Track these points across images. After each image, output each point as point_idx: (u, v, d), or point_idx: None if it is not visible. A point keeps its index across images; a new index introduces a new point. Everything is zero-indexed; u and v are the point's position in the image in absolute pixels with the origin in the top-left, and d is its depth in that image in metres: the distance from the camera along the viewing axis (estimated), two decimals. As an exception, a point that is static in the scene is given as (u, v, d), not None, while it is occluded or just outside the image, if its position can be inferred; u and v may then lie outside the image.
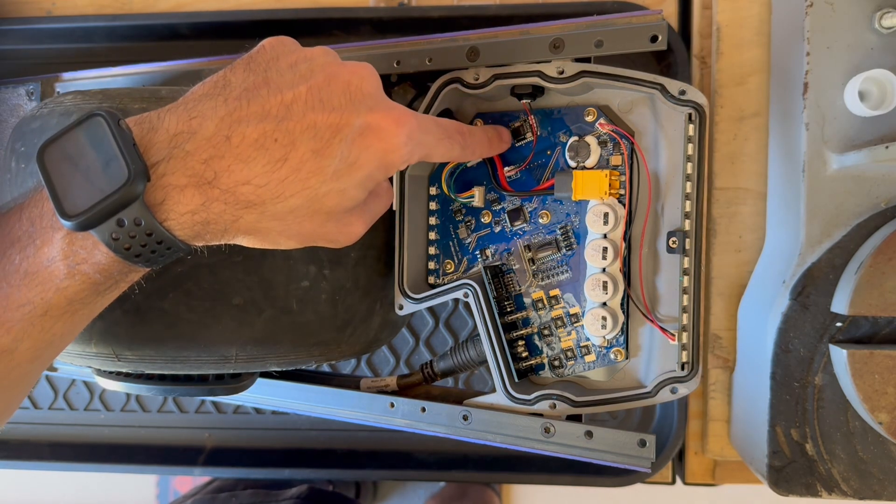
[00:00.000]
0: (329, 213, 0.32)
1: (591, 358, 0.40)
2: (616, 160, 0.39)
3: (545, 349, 0.41)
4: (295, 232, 0.31)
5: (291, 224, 0.31)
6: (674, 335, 0.37)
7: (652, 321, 0.38)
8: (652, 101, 0.38)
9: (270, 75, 0.31)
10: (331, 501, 0.73)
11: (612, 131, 0.38)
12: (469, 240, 0.42)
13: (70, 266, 0.29)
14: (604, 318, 0.38)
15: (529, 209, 0.41)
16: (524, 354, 0.41)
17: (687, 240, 0.36)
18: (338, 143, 0.30)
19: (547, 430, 0.39)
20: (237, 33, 0.54)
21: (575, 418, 0.39)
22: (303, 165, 0.30)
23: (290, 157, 0.29)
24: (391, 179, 0.39)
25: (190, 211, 0.28)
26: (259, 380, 0.45)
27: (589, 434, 0.38)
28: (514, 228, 0.41)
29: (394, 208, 0.41)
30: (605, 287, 0.38)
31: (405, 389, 0.43)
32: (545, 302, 0.40)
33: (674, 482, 0.56)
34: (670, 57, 0.51)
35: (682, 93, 0.36)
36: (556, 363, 0.41)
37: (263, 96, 0.30)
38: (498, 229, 0.41)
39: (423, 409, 0.41)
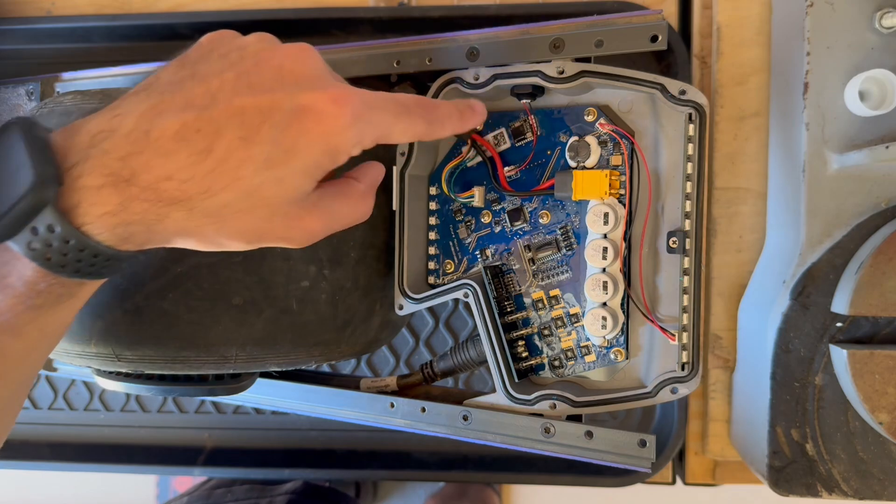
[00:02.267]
0: (271, 206, 0.29)
1: (591, 358, 0.40)
2: (616, 160, 0.38)
3: (545, 349, 0.41)
4: (235, 230, 0.29)
5: (228, 221, 0.29)
6: (674, 335, 0.37)
7: (652, 321, 0.38)
8: (652, 101, 0.38)
9: (199, 67, 0.29)
10: (325, 496, 0.73)
11: (612, 131, 0.38)
12: (469, 240, 0.42)
13: None
14: (604, 318, 0.38)
15: (529, 209, 0.41)
16: (524, 354, 0.41)
17: (687, 240, 0.36)
18: (268, 129, 0.28)
19: (547, 431, 0.39)
20: (237, 33, 0.54)
21: (575, 418, 0.39)
22: (230, 155, 0.28)
23: (216, 147, 0.28)
24: (378, 187, 0.36)
25: (108, 212, 0.27)
26: (259, 380, 0.45)
27: (589, 434, 0.38)
28: (514, 228, 0.41)
29: (394, 208, 0.41)
30: (605, 287, 0.38)
31: (405, 389, 0.43)
32: (545, 302, 0.40)
33: (674, 482, 0.56)
34: (670, 57, 0.51)
35: (683, 93, 0.36)
36: (556, 363, 0.41)
37: (188, 87, 0.28)
38: (498, 229, 0.41)
39: (423, 410, 0.41)
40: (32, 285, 0.28)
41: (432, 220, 0.42)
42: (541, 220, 0.40)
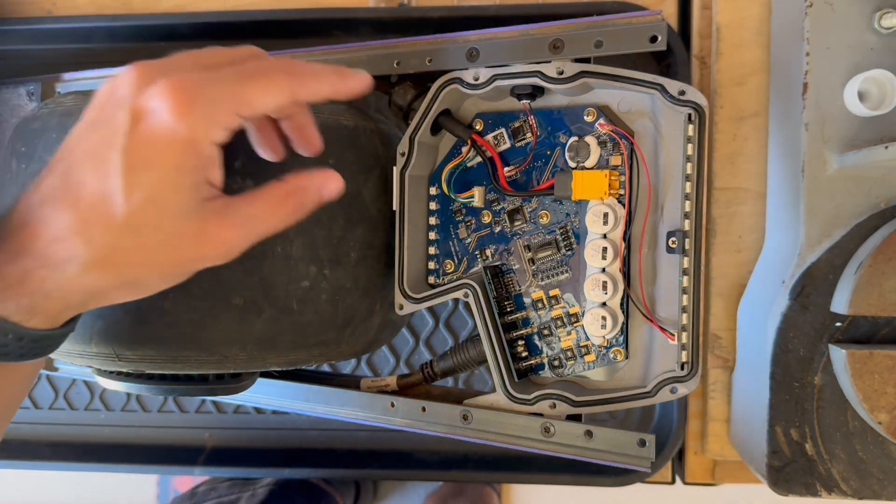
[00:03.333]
0: (160, 230, 0.27)
1: (590, 358, 0.40)
2: (616, 160, 0.39)
3: (545, 349, 0.41)
4: (140, 267, 0.28)
5: (124, 261, 0.28)
6: (673, 335, 0.37)
7: (651, 321, 0.38)
8: (652, 102, 0.38)
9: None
10: (307, 488, 0.74)
11: (612, 131, 0.38)
12: (469, 240, 0.42)
13: None
14: (603, 318, 0.38)
15: (529, 209, 0.41)
16: (524, 354, 0.41)
17: (686, 240, 0.36)
18: (114, 154, 0.27)
19: (547, 430, 0.39)
20: (237, 33, 0.54)
21: (575, 418, 0.40)
22: (92, 195, 0.27)
23: (81, 194, 0.27)
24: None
25: (9, 285, 0.27)
26: (259, 379, 0.45)
27: (589, 434, 0.39)
28: (514, 228, 0.41)
29: (394, 208, 0.41)
30: (604, 287, 0.38)
31: (405, 389, 0.44)
32: (545, 302, 0.41)
33: (673, 482, 0.56)
34: (670, 57, 0.51)
35: (682, 93, 0.36)
36: (556, 363, 0.41)
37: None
38: (498, 229, 0.41)
39: (423, 409, 0.41)
40: None
41: (432, 220, 0.42)
42: (541, 220, 0.40)
